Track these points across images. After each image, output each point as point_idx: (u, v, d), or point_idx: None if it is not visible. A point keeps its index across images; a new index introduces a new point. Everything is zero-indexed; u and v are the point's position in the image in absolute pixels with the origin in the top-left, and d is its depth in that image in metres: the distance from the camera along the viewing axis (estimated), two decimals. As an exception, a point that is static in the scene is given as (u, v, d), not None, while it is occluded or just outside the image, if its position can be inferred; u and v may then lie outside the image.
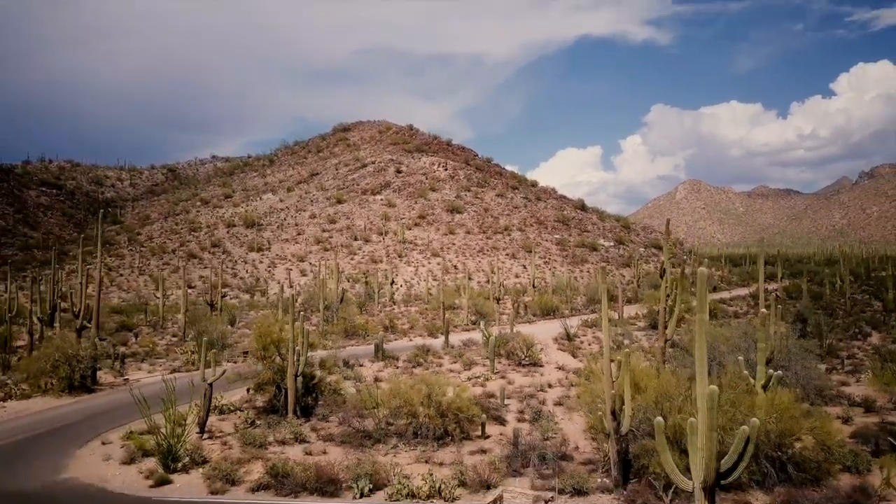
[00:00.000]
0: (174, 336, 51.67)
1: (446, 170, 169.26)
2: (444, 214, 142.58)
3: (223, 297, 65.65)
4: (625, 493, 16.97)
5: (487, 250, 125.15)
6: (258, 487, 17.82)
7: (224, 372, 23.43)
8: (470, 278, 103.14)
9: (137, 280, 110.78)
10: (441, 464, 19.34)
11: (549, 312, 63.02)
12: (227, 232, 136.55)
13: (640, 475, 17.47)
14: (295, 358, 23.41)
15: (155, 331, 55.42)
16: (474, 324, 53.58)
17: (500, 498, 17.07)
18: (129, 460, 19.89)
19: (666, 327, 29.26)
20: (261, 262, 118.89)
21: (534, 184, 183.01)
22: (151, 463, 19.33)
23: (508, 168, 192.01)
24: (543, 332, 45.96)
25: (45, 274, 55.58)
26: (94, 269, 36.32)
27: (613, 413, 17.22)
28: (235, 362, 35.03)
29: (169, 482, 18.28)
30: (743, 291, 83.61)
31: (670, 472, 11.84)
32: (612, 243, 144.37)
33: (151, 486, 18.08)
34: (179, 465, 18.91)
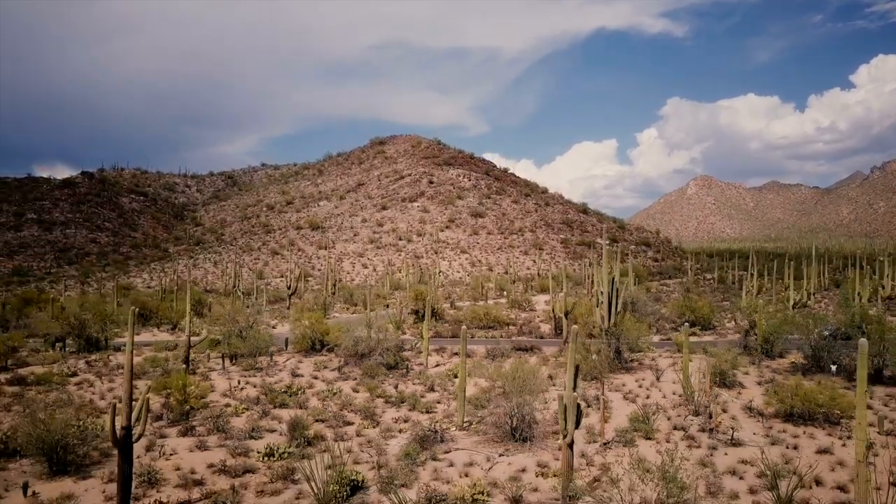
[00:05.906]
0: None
1: (470, 180, 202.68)
2: (469, 218, 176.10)
3: (336, 283, 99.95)
4: (558, 338, 50.83)
5: (505, 248, 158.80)
6: (432, 337, 51.89)
7: (402, 304, 57.60)
8: (491, 270, 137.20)
9: (239, 272, 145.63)
10: (492, 333, 53.31)
11: (545, 290, 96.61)
12: (298, 233, 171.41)
13: (561, 332, 51.32)
14: (431, 299, 57.42)
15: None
16: (498, 295, 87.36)
17: (515, 339, 51.09)
18: (378, 330, 54.08)
19: (591, 288, 63.22)
20: (329, 257, 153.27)
21: (544, 190, 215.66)
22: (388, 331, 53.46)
23: (523, 162, 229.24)
24: (540, 299, 79.77)
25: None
26: (295, 262, 70.43)
27: (553, 310, 50.95)
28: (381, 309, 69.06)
29: (398, 335, 52.33)
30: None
31: (558, 315, 45.70)
32: (607, 242, 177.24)
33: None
34: (400, 330, 53.03)
